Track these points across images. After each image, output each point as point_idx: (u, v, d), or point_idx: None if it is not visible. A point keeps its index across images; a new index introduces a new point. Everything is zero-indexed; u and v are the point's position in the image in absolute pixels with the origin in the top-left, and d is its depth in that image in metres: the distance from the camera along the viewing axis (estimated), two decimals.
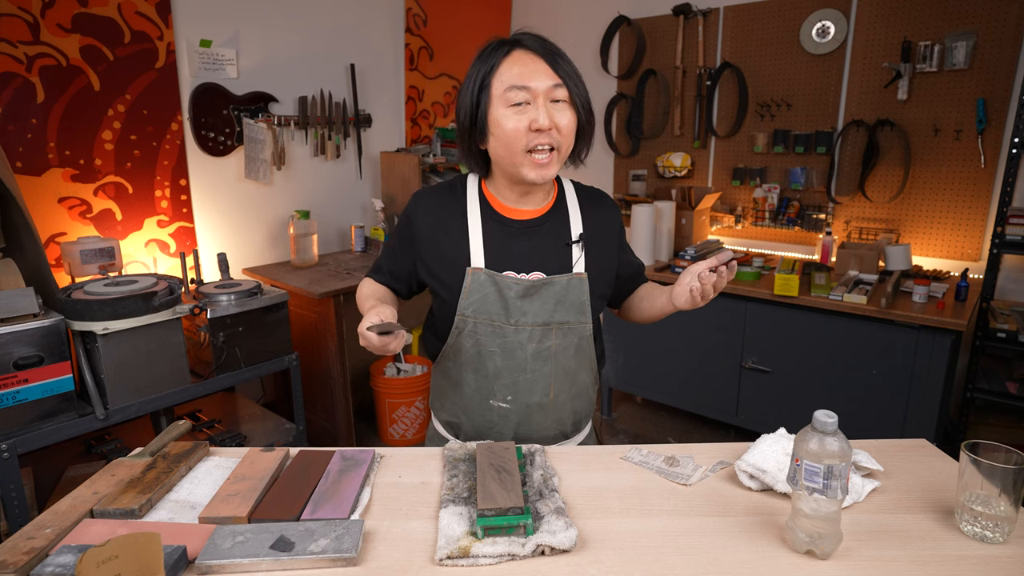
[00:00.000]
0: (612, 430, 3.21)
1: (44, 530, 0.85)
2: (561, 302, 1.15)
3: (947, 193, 2.73)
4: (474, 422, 1.21)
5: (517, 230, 1.17)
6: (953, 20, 2.60)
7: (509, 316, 1.14)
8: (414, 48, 3.55)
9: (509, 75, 1.07)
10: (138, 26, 2.45)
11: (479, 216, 1.17)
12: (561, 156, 1.11)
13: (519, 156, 1.08)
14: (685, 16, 3.27)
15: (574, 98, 1.09)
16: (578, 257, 1.18)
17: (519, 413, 1.18)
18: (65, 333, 1.75)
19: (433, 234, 1.18)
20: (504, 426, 1.19)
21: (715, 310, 2.81)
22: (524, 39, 1.10)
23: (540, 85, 1.06)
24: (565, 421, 1.23)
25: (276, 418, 2.51)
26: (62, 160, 2.34)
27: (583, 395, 1.24)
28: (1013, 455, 0.85)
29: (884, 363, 2.41)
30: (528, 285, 1.13)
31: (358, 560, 0.81)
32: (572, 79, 1.09)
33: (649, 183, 3.60)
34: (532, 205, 1.19)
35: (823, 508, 0.81)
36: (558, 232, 1.19)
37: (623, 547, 0.85)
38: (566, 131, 1.09)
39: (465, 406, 1.21)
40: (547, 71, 1.07)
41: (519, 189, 1.17)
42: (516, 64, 1.07)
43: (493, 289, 1.13)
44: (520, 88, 1.06)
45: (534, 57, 1.08)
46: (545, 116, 1.06)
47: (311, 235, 2.98)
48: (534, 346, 1.15)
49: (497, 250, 1.16)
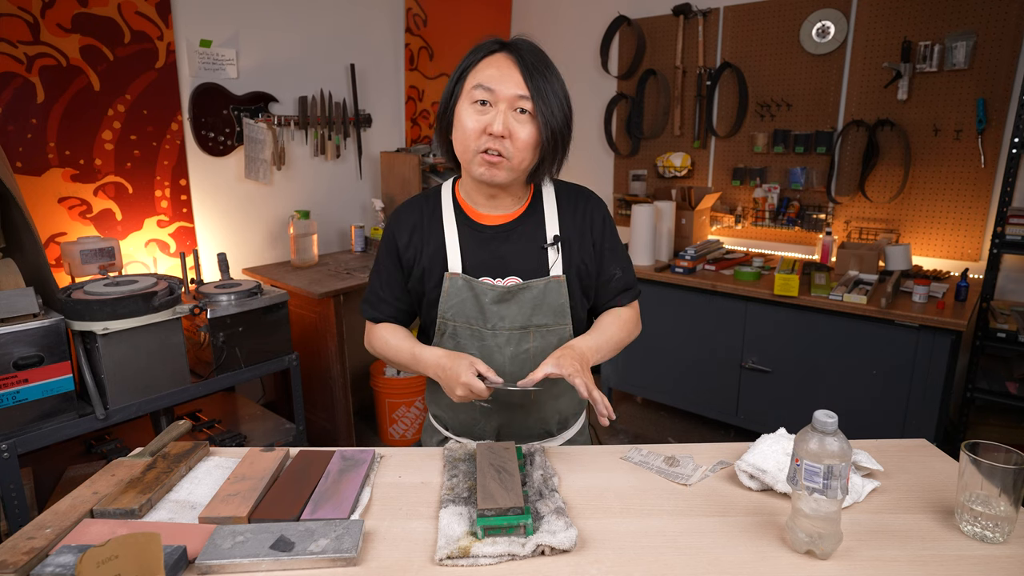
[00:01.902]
0: (612, 430, 3.21)
1: (44, 530, 0.85)
2: (539, 306, 1.14)
3: (947, 193, 2.73)
4: (459, 419, 1.24)
5: (490, 235, 1.17)
6: (953, 20, 2.60)
7: (486, 321, 1.14)
8: (414, 48, 3.55)
9: (482, 75, 1.07)
10: (138, 26, 2.45)
11: (454, 222, 1.18)
12: (513, 166, 1.07)
13: (470, 154, 1.08)
14: (685, 16, 3.27)
15: (540, 113, 1.05)
16: (555, 260, 1.16)
17: (500, 413, 1.20)
18: (65, 333, 1.75)
19: (415, 244, 1.19)
20: (487, 424, 1.21)
21: (715, 310, 2.81)
22: (515, 44, 1.09)
23: (506, 91, 1.04)
24: (548, 420, 1.23)
25: (276, 418, 2.51)
26: (62, 160, 2.33)
27: (566, 395, 1.24)
28: (1013, 455, 0.85)
29: (884, 363, 2.41)
30: (503, 291, 1.13)
31: (358, 560, 0.81)
32: (544, 94, 1.05)
33: (649, 183, 3.60)
34: (503, 209, 1.18)
35: (823, 508, 0.81)
36: (532, 235, 1.17)
37: (623, 547, 0.85)
38: (521, 144, 1.06)
39: (450, 403, 1.23)
40: (518, 80, 1.05)
41: (485, 190, 1.16)
42: (492, 66, 1.07)
43: (470, 294, 1.14)
44: (486, 89, 1.05)
45: (511, 64, 1.06)
46: (501, 123, 1.04)
47: (311, 235, 2.98)
48: (512, 349, 1.15)
49: (472, 256, 1.16)
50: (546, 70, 1.07)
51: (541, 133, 1.06)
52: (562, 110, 1.08)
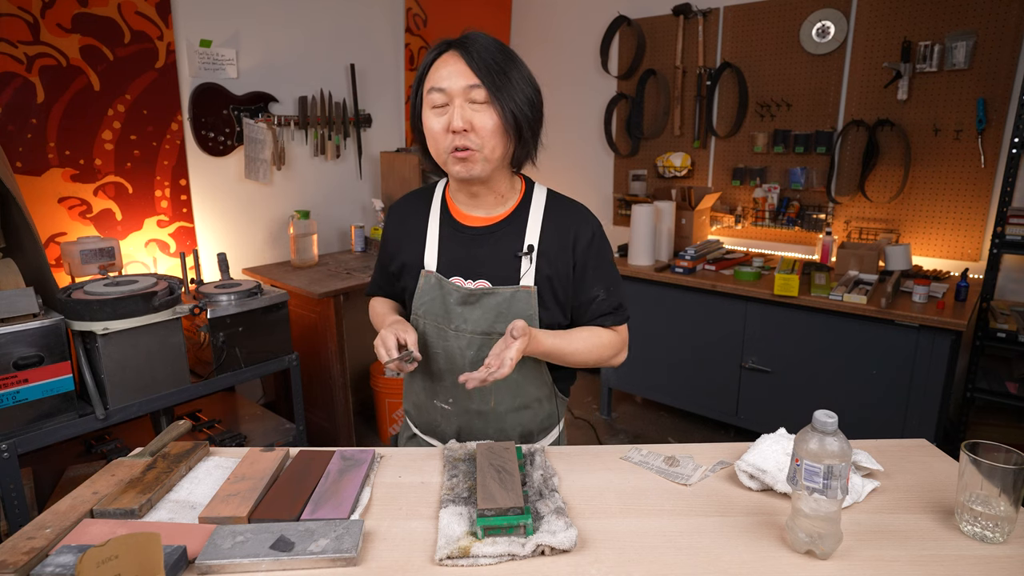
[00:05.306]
0: (612, 430, 3.21)
1: (44, 530, 0.85)
2: (503, 313, 1.12)
3: (947, 193, 2.73)
4: (422, 418, 1.26)
5: (469, 237, 1.17)
6: (953, 20, 2.60)
7: (450, 321, 1.15)
8: (414, 48, 3.55)
9: (434, 78, 1.07)
10: (138, 26, 2.45)
11: (438, 221, 1.20)
12: (486, 156, 1.07)
13: (443, 155, 1.09)
14: (685, 16, 3.27)
15: (496, 99, 1.04)
16: (526, 269, 1.14)
17: (459, 416, 1.20)
18: (65, 333, 1.75)
19: (401, 239, 1.23)
20: (447, 427, 1.22)
21: (715, 310, 2.81)
22: (462, 40, 1.07)
23: (455, 86, 1.04)
24: (509, 432, 1.20)
25: (276, 418, 2.51)
26: (62, 160, 2.33)
27: (530, 408, 1.20)
28: (1013, 455, 0.85)
29: (884, 363, 2.41)
30: (467, 293, 1.13)
31: (358, 560, 0.81)
32: (497, 81, 1.03)
33: (649, 183, 3.60)
34: (484, 211, 1.18)
35: (823, 508, 0.81)
36: (510, 242, 1.15)
37: (623, 547, 0.85)
38: (486, 132, 1.05)
39: (416, 401, 1.25)
40: (466, 72, 1.04)
41: (466, 190, 1.17)
42: (442, 67, 1.06)
43: (439, 293, 1.15)
44: (439, 90, 1.06)
45: (458, 59, 1.05)
46: (459, 117, 1.04)
47: (311, 235, 2.98)
48: (473, 353, 1.14)
49: (448, 255, 1.17)
50: (498, 55, 1.06)
51: (502, 118, 1.05)
52: (523, 91, 1.07)
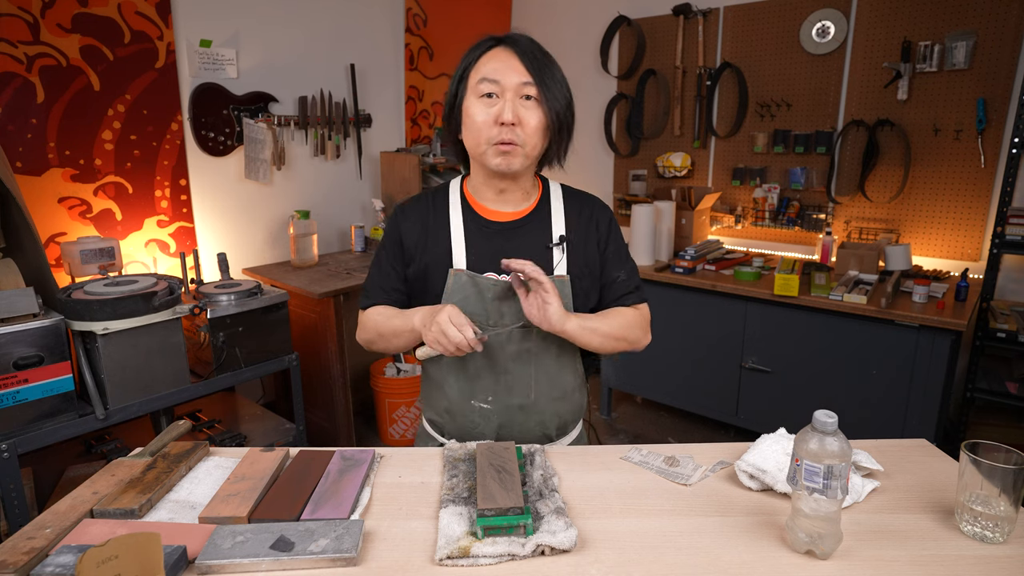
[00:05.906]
0: (612, 430, 3.21)
1: (44, 530, 0.85)
2: None
3: (947, 193, 2.73)
4: (457, 423, 1.21)
5: (496, 231, 1.18)
6: (953, 20, 2.60)
7: (488, 317, 1.15)
8: (414, 48, 3.55)
9: (484, 69, 1.10)
10: (138, 26, 2.45)
11: (460, 218, 1.19)
12: (527, 152, 1.11)
13: (484, 146, 1.11)
14: (685, 16, 3.27)
15: (544, 99, 1.09)
16: (559, 259, 1.18)
17: (500, 414, 1.19)
18: (65, 333, 1.75)
19: (420, 239, 1.20)
20: (486, 427, 1.19)
21: (715, 310, 2.81)
22: (511, 38, 1.12)
23: (510, 81, 1.08)
24: (548, 424, 1.22)
25: (276, 418, 2.51)
26: (62, 160, 2.33)
27: (567, 398, 1.23)
28: (1013, 455, 0.85)
29: (884, 363, 2.41)
30: (506, 287, 1.14)
31: (358, 560, 0.81)
32: (547, 81, 1.10)
33: (649, 183, 3.60)
34: (511, 206, 1.20)
35: (823, 508, 0.81)
36: (539, 234, 1.19)
37: (623, 547, 0.85)
38: (531, 129, 1.10)
39: (448, 406, 1.21)
40: (520, 68, 1.09)
41: (495, 185, 1.18)
42: (493, 60, 1.11)
43: (473, 291, 1.15)
44: (491, 81, 1.09)
45: (511, 55, 1.10)
46: (510, 111, 1.08)
47: (311, 235, 2.98)
48: (514, 347, 1.15)
49: (477, 251, 1.17)
50: (544, 57, 1.12)
51: (548, 117, 1.11)
52: (564, 95, 1.13)
